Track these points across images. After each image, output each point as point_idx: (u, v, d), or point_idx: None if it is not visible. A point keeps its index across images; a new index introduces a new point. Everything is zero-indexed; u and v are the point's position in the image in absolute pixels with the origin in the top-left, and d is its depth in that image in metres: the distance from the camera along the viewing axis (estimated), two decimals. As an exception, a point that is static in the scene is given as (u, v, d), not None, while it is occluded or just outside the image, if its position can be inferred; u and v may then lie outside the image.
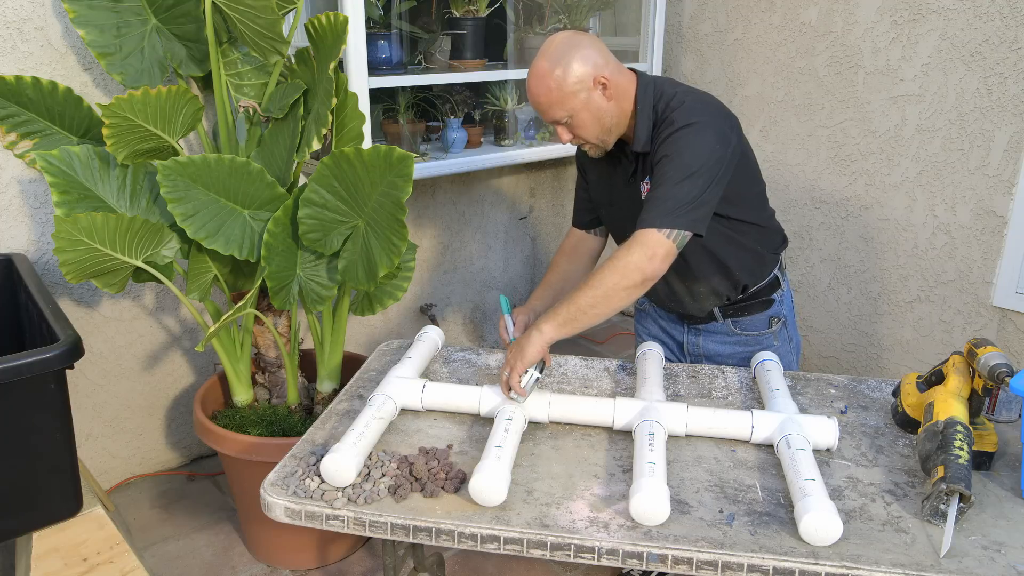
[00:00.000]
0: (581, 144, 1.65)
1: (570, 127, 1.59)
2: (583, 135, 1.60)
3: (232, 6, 1.80)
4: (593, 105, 1.55)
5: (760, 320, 1.80)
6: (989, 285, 2.44)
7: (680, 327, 1.89)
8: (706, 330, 1.84)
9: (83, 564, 1.49)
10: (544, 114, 1.58)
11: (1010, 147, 2.32)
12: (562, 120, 1.57)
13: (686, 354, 1.90)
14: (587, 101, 1.54)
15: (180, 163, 1.82)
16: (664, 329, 1.93)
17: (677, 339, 1.90)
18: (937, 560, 1.09)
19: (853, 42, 2.64)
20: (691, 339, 1.88)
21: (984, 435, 1.32)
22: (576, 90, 1.52)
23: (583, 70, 1.52)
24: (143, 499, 2.50)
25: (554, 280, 1.85)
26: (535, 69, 1.54)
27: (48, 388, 1.44)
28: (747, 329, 1.81)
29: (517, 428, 1.35)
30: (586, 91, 1.53)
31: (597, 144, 1.64)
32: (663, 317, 1.92)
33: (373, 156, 1.82)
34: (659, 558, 1.12)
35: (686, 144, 1.50)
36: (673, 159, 1.50)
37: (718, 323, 1.82)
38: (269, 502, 1.24)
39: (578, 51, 1.52)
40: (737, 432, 1.39)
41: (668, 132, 1.54)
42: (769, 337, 1.81)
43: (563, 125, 1.59)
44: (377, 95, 2.55)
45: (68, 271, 1.80)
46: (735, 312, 1.80)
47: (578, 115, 1.55)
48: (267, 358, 2.22)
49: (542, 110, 1.57)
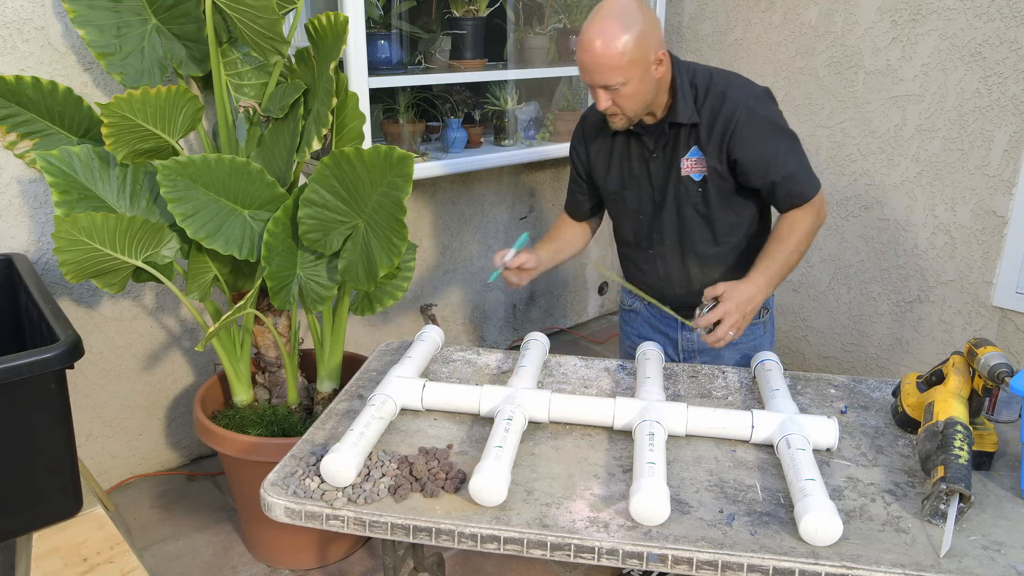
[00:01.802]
0: (614, 115, 1.61)
1: (616, 94, 1.55)
2: (626, 105, 1.57)
3: (232, 6, 1.80)
4: (648, 79, 1.56)
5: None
6: (989, 285, 2.44)
7: (674, 322, 1.88)
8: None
9: (83, 564, 1.49)
10: (594, 75, 1.53)
11: (1010, 147, 2.32)
12: (613, 85, 1.53)
13: (680, 350, 1.90)
14: (644, 74, 1.54)
15: (180, 163, 1.82)
16: (656, 328, 1.92)
17: (671, 336, 1.90)
18: (937, 560, 1.09)
19: (853, 42, 2.64)
20: (685, 335, 1.88)
21: (984, 435, 1.32)
22: (639, 60, 1.51)
23: (651, 42, 1.52)
24: (143, 499, 2.50)
25: (559, 238, 1.89)
26: (602, 28, 1.49)
27: (48, 388, 1.45)
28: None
29: (517, 428, 1.35)
30: (646, 64, 1.53)
31: (631, 117, 1.62)
32: (655, 316, 1.91)
33: (373, 156, 1.82)
34: (659, 558, 1.12)
35: (767, 116, 1.63)
36: (771, 135, 1.62)
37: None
38: (269, 502, 1.24)
39: (648, 21, 1.52)
40: (737, 432, 1.39)
41: (742, 112, 1.60)
42: (759, 328, 1.85)
43: (608, 90, 1.55)
44: (377, 95, 2.55)
45: (68, 271, 1.80)
46: None
47: (631, 85, 1.54)
48: (267, 358, 2.22)
49: (596, 70, 1.52)
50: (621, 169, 1.75)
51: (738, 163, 1.63)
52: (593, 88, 1.58)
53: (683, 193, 1.69)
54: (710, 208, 1.70)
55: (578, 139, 1.83)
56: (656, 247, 1.78)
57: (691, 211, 1.71)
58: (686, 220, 1.72)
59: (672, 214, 1.73)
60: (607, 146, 1.76)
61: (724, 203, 1.70)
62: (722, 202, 1.70)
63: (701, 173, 1.67)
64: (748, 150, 1.61)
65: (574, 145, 1.84)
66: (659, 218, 1.74)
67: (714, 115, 1.61)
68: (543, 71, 2.90)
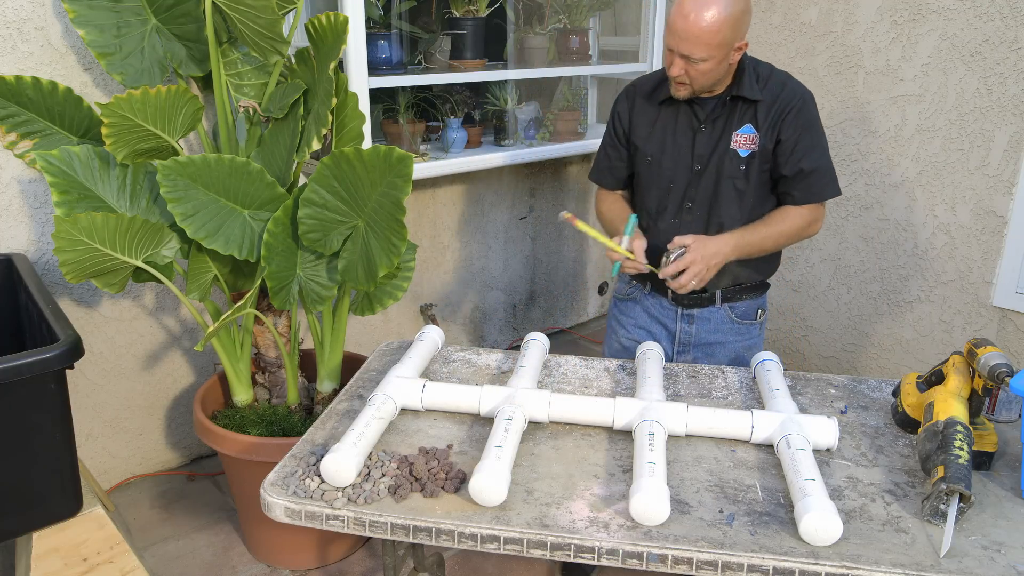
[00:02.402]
0: (681, 84, 1.66)
1: (692, 67, 1.60)
2: (697, 79, 1.63)
3: (232, 6, 1.80)
4: (725, 62, 1.62)
5: (752, 308, 1.88)
6: (989, 285, 2.44)
7: (673, 313, 1.89)
8: (700, 316, 1.87)
9: (83, 564, 1.49)
10: (681, 42, 1.58)
11: (1010, 147, 2.32)
12: (694, 57, 1.58)
13: (677, 342, 1.91)
14: (724, 57, 1.60)
15: (180, 163, 1.82)
16: (655, 317, 1.92)
17: (669, 328, 1.91)
18: (937, 560, 1.09)
19: (853, 42, 2.64)
20: (684, 327, 1.89)
21: (984, 435, 1.32)
22: (726, 43, 1.57)
23: (742, 29, 1.58)
24: (143, 499, 2.50)
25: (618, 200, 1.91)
26: (706, 4, 1.53)
27: (48, 388, 1.44)
28: (741, 317, 1.87)
29: (517, 428, 1.35)
30: (730, 48, 1.59)
31: (696, 90, 1.67)
32: (655, 306, 1.91)
33: (373, 156, 1.82)
34: (659, 558, 1.12)
35: (817, 115, 1.73)
36: (818, 129, 1.72)
37: (715, 307, 1.86)
38: (269, 502, 1.24)
39: (745, 8, 1.58)
40: (737, 432, 1.39)
41: (800, 99, 1.69)
42: (756, 328, 1.89)
43: (687, 60, 1.60)
44: (377, 95, 2.55)
45: (68, 271, 1.80)
46: (735, 296, 1.85)
47: (711, 62, 1.59)
48: (267, 358, 2.22)
49: (685, 39, 1.57)
50: (664, 135, 1.79)
51: (780, 144, 1.70)
52: (672, 53, 1.62)
53: (726, 166, 1.74)
54: (748, 184, 1.75)
55: (623, 103, 1.85)
56: (683, 216, 1.80)
57: (729, 185, 1.75)
58: (721, 194, 1.76)
59: (709, 185, 1.76)
60: (653, 113, 1.80)
61: (761, 184, 1.76)
62: (760, 182, 1.76)
63: (749, 149, 1.72)
64: (792, 132, 1.69)
65: (617, 110, 1.86)
66: (694, 188, 1.78)
67: (774, 97, 1.70)
68: (543, 71, 2.90)
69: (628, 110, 1.84)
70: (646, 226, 1.87)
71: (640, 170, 1.85)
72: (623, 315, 1.99)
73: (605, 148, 1.91)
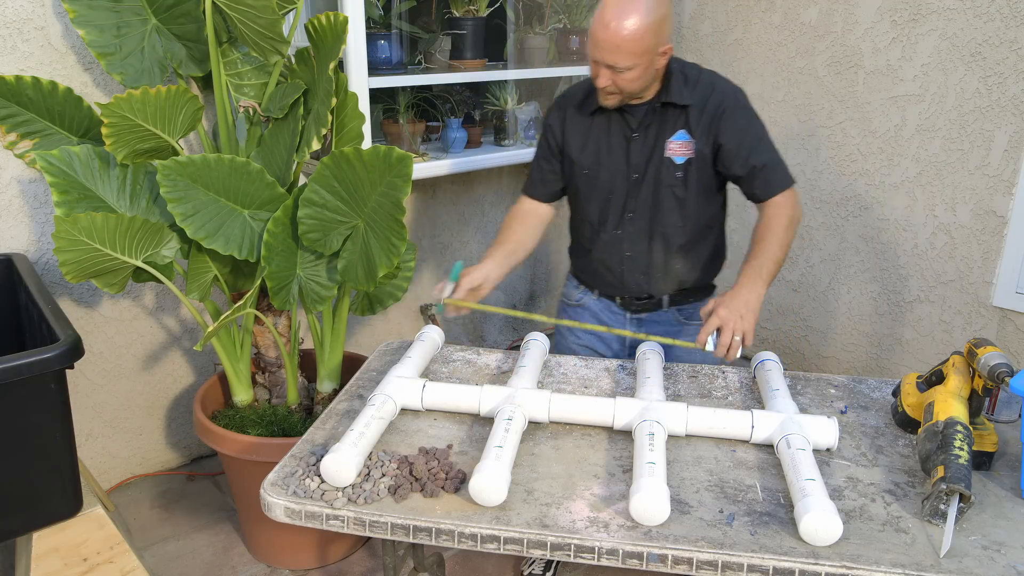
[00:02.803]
0: (611, 94, 1.64)
1: (618, 76, 1.58)
2: (625, 87, 1.61)
3: (232, 6, 1.80)
4: (652, 67, 1.60)
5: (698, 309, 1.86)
6: (989, 285, 2.44)
7: (622, 317, 1.89)
8: (648, 320, 1.88)
9: (83, 564, 1.49)
10: (605, 53, 1.55)
11: (1010, 147, 2.32)
12: (619, 67, 1.56)
13: (627, 346, 1.92)
14: (650, 63, 1.58)
15: (180, 163, 1.82)
16: (604, 322, 1.91)
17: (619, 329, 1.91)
18: (937, 560, 1.09)
19: (853, 42, 2.63)
20: (634, 330, 1.89)
21: (984, 435, 1.32)
22: (651, 49, 1.55)
23: (665, 33, 1.57)
24: (143, 499, 2.50)
25: (509, 241, 1.80)
26: (625, 9, 1.51)
27: (48, 388, 1.44)
28: (689, 318, 1.87)
29: (517, 428, 1.35)
30: (655, 54, 1.57)
31: (624, 98, 1.65)
32: (604, 311, 1.91)
33: (372, 156, 1.82)
34: (659, 558, 1.12)
35: (752, 110, 1.71)
36: (756, 124, 1.70)
37: (663, 311, 1.87)
38: (269, 502, 1.24)
39: (667, 11, 1.56)
40: (737, 432, 1.39)
41: (731, 99, 1.67)
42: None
43: (612, 70, 1.58)
44: (377, 95, 2.55)
45: (68, 271, 1.80)
46: (682, 298, 1.86)
47: (637, 69, 1.57)
48: (267, 358, 2.22)
49: (608, 50, 1.54)
50: (598, 146, 1.76)
51: (722, 148, 1.68)
52: (597, 64, 1.59)
53: (663, 174, 1.72)
54: (687, 191, 1.73)
55: (555, 115, 1.82)
56: (625, 227, 1.79)
57: (668, 193, 1.73)
58: (661, 202, 1.74)
59: (648, 195, 1.74)
60: (585, 124, 1.77)
61: (701, 189, 1.74)
62: (699, 187, 1.74)
63: (684, 156, 1.70)
64: (733, 135, 1.67)
65: (549, 123, 1.83)
66: (633, 198, 1.76)
67: (704, 100, 1.68)
68: (543, 71, 2.90)
69: (560, 123, 1.80)
70: (589, 237, 1.86)
71: (578, 182, 1.82)
72: (572, 319, 1.97)
73: (538, 161, 1.86)
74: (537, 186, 1.87)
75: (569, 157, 1.80)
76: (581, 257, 1.92)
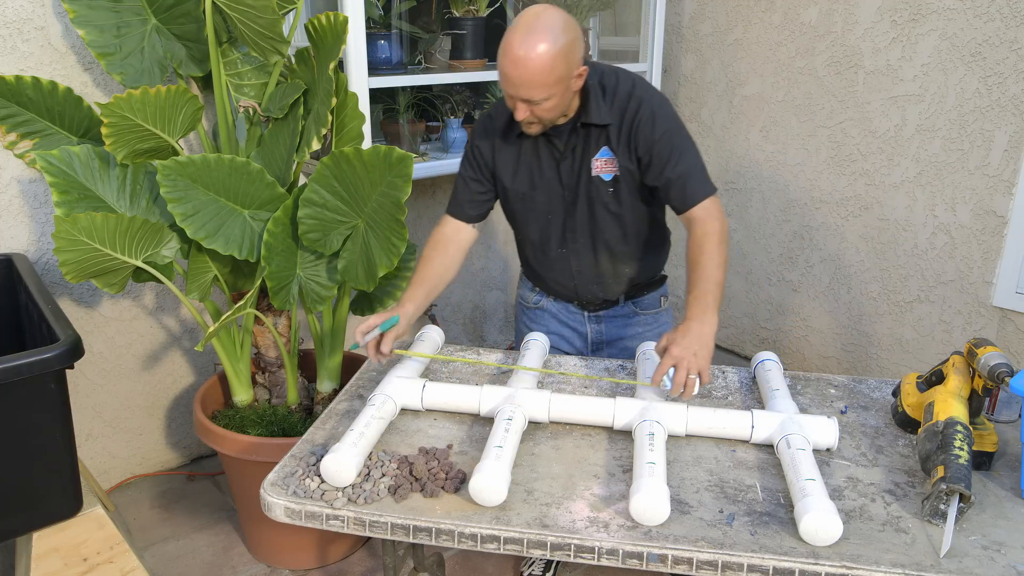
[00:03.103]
0: (531, 123, 1.59)
1: (536, 107, 1.53)
2: (545, 116, 1.56)
3: (232, 6, 1.80)
4: (569, 91, 1.55)
5: (654, 298, 1.90)
6: (989, 285, 2.44)
7: (581, 316, 1.90)
8: (607, 316, 1.89)
9: (83, 564, 1.49)
10: (519, 89, 1.50)
11: (1010, 147, 2.32)
12: (537, 100, 1.51)
13: (589, 343, 1.93)
14: (567, 87, 1.53)
15: (180, 163, 1.82)
16: (565, 323, 1.92)
17: (580, 331, 1.92)
18: (937, 560, 1.09)
19: (853, 42, 2.63)
20: (594, 327, 1.91)
21: (984, 435, 1.32)
22: (565, 77, 1.50)
23: (576, 57, 1.51)
24: (143, 499, 2.50)
25: (430, 277, 1.72)
26: (532, 43, 1.45)
27: (48, 388, 1.44)
28: (646, 308, 1.89)
29: (517, 428, 1.35)
30: (570, 79, 1.52)
31: (546, 125, 1.61)
32: (563, 312, 1.92)
33: (373, 156, 1.82)
34: (659, 558, 1.12)
35: (671, 117, 1.64)
36: (674, 133, 1.62)
37: (618, 306, 1.88)
38: (269, 502, 1.24)
39: (575, 36, 1.50)
40: (737, 432, 1.39)
41: (647, 109, 1.61)
42: (663, 315, 1.92)
43: (529, 103, 1.53)
44: (377, 95, 2.55)
45: (68, 271, 1.80)
46: (636, 292, 1.87)
47: (554, 99, 1.52)
48: (267, 358, 2.22)
49: (522, 86, 1.49)
50: (530, 170, 1.73)
51: (640, 161, 1.65)
52: (512, 98, 1.54)
53: (594, 192, 1.70)
54: (622, 207, 1.71)
55: (481, 137, 1.75)
56: (569, 245, 1.78)
57: (602, 210, 1.72)
58: (598, 219, 1.73)
59: (584, 212, 1.73)
60: (514, 150, 1.72)
61: (635, 201, 1.72)
62: (633, 201, 1.71)
63: (611, 173, 1.67)
64: (649, 147, 1.62)
65: (477, 145, 1.75)
66: (571, 217, 1.74)
67: (622, 114, 1.63)
68: (543, 71, 2.90)
69: (490, 149, 1.74)
70: (536, 257, 1.86)
71: (514, 206, 1.80)
72: (533, 323, 1.96)
73: (466, 181, 1.78)
74: (465, 207, 1.79)
75: (502, 183, 1.76)
76: (532, 270, 1.92)
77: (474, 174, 1.77)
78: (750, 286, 3.15)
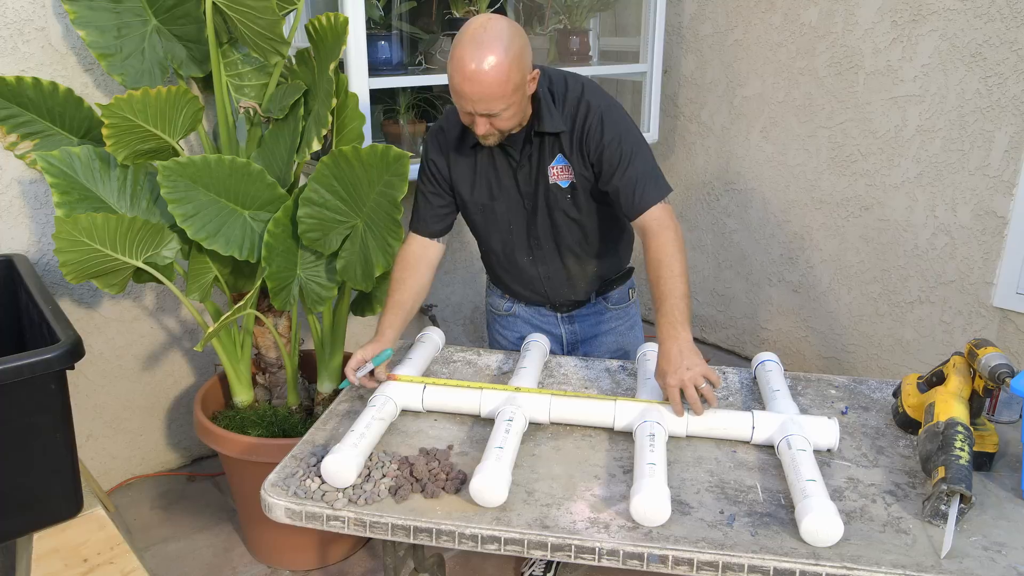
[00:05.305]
0: (488, 136, 1.56)
1: (495, 119, 1.51)
2: (504, 126, 1.53)
3: (233, 7, 1.80)
4: (525, 98, 1.53)
5: (623, 292, 1.91)
6: (989, 286, 2.44)
7: (554, 319, 1.91)
8: (579, 315, 1.90)
9: (83, 565, 1.49)
10: (478, 105, 1.47)
11: (1010, 147, 2.32)
12: (497, 112, 1.49)
13: (564, 344, 1.93)
14: (523, 95, 1.52)
15: (180, 164, 1.82)
16: (538, 327, 1.92)
17: (554, 333, 1.92)
18: (938, 561, 1.09)
19: (853, 43, 2.63)
20: (567, 328, 1.91)
21: (985, 436, 1.32)
22: (520, 85, 1.48)
23: (527, 63, 1.49)
24: (143, 500, 2.50)
25: (405, 301, 1.68)
26: (484, 56, 1.42)
27: (48, 389, 1.44)
28: (616, 303, 1.90)
29: (517, 429, 1.35)
30: (525, 86, 1.50)
31: (504, 135, 1.58)
32: (535, 316, 1.92)
33: (370, 155, 1.83)
34: (660, 559, 1.12)
35: (620, 121, 1.62)
36: (623, 138, 1.60)
37: (590, 304, 1.89)
38: (269, 503, 1.24)
39: (523, 41, 1.48)
40: (738, 433, 1.39)
41: (596, 115, 1.59)
42: (632, 307, 1.94)
43: (486, 116, 1.50)
44: (377, 96, 2.55)
45: (68, 272, 1.80)
46: (606, 288, 1.89)
47: (512, 108, 1.50)
48: (267, 358, 2.22)
49: (480, 101, 1.46)
50: (488, 181, 1.71)
51: (594, 167, 1.63)
52: (471, 115, 1.51)
53: (553, 200, 1.68)
54: (581, 212, 1.70)
55: (435, 152, 1.72)
56: (535, 252, 1.78)
57: (562, 216, 1.71)
58: (559, 226, 1.72)
59: (545, 220, 1.72)
60: (469, 161, 1.70)
61: (594, 206, 1.70)
62: (592, 205, 1.70)
63: (568, 180, 1.66)
64: (598, 154, 1.60)
65: (432, 159, 1.72)
66: (534, 225, 1.73)
67: (573, 120, 1.61)
68: (543, 72, 2.90)
69: (445, 163, 1.71)
70: (502, 265, 1.84)
71: (474, 218, 1.77)
72: (506, 329, 1.95)
73: (427, 197, 1.74)
74: (429, 222, 1.75)
75: (461, 196, 1.74)
76: (500, 279, 1.91)
77: (433, 188, 1.74)
78: (750, 287, 3.15)
